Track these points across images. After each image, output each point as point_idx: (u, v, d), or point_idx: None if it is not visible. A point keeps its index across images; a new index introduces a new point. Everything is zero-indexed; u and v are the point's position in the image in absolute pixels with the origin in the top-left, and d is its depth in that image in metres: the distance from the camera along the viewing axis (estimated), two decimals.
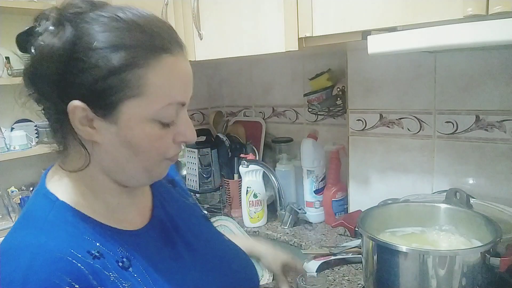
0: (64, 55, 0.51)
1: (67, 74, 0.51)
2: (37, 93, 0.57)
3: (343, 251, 1.13)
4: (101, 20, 0.52)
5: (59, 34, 0.52)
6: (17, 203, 1.55)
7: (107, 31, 0.51)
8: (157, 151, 0.57)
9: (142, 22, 0.53)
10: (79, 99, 0.52)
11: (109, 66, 0.50)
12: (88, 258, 0.53)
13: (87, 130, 0.54)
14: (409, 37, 0.76)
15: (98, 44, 0.50)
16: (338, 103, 1.41)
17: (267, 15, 1.08)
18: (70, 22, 0.52)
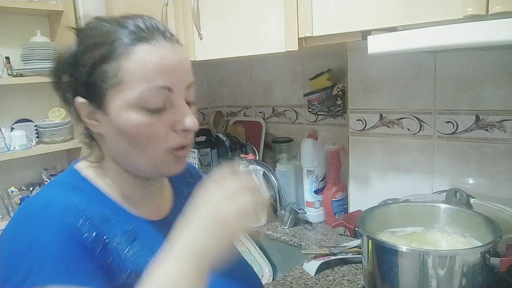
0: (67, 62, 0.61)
1: (73, 78, 0.60)
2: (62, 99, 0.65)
3: (343, 251, 1.13)
4: (96, 28, 0.60)
5: (68, 49, 0.61)
6: (17, 203, 1.55)
7: (91, 36, 0.59)
8: (149, 140, 0.59)
9: (119, 22, 0.60)
10: (80, 96, 0.60)
11: (92, 62, 0.57)
12: (98, 218, 0.57)
13: (93, 124, 0.61)
14: (409, 37, 0.76)
15: (89, 46, 0.58)
16: (338, 103, 1.41)
17: (267, 15, 1.08)
18: (79, 36, 0.61)
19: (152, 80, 0.57)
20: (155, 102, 0.58)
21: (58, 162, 1.75)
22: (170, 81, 0.58)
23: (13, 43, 1.58)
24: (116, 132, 0.59)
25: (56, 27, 1.65)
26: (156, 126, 0.58)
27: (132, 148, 0.60)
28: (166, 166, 0.62)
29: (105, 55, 0.57)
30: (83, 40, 0.60)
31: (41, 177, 1.66)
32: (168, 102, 0.59)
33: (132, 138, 0.59)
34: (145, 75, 0.57)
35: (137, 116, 0.57)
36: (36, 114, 1.68)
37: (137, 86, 0.57)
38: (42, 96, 1.70)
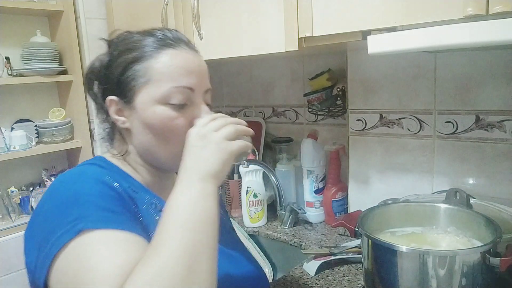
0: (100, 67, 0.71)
1: (103, 80, 0.69)
2: (92, 99, 0.73)
3: (343, 251, 1.13)
4: (127, 38, 0.70)
5: (101, 57, 0.72)
6: (17, 203, 1.55)
7: (128, 43, 0.69)
8: (172, 133, 0.66)
9: (147, 32, 0.70)
10: (112, 95, 0.68)
11: (124, 63, 0.67)
12: (128, 189, 0.65)
13: (121, 119, 0.69)
14: (409, 37, 0.76)
15: (121, 52, 0.68)
16: (338, 103, 1.41)
17: (267, 15, 1.08)
18: (110, 47, 0.71)
19: (177, 80, 0.65)
20: (178, 99, 0.65)
21: (58, 162, 1.75)
22: (192, 82, 0.66)
23: (13, 43, 1.58)
24: (143, 126, 0.67)
25: (56, 27, 1.65)
26: (178, 120, 0.66)
27: (156, 140, 0.67)
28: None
29: (136, 57, 0.66)
30: (115, 48, 0.69)
31: (41, 177, 1.66)
32: (189, 101, 0.67)
33: (157, 130, 0.66)
34: (171, 75, 0.65)
35: (162, 110, 0.65)
36: (36, 114, 1.68)
37: (163, 84, 0.65)
38: (42, 96, 1.70)
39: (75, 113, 1.68)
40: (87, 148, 1.68)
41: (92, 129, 1.67)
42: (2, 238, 1.45)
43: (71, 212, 0.56)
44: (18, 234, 1.48)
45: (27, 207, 1.56)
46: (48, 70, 1.57)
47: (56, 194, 0.60)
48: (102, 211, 0.56)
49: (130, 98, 0.67)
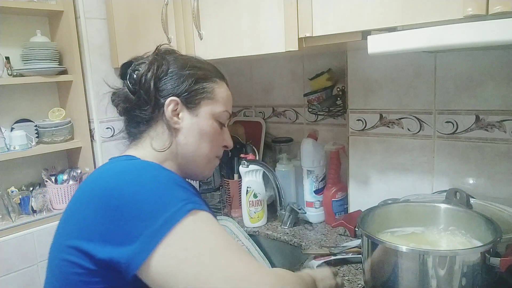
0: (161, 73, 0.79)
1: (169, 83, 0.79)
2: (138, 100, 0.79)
3: (343, 251, 1.13)
4: (185, 56, 0.85)
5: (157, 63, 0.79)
6: (17, 203, 1.55)
7: (191, 60, 0.83)
8: (215, 143, 0.82)
9: (205, 61, 0.87)
10: (175, 97, 0.78)
11: (197, 76, 0.80)
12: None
13: (174, 119, 0.78)
14: (409, 37, 0.76)
15: (189, 65, 0.81)
16: (338, 103, 1.41)
17: (267, 15, 1.08)
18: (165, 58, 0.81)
19: (227, 107, 0.84)
20: (224, 120, 0.84)
21: (58, 162, 1.75)
22: (231, 111, 0.86)
23: (13, 43, 1.58)
24: (195, 130, 0.79)
25: (56, 27, 1.65)
26: (219, 136, 0.84)
27: (199, 143, 0.80)
28: (210, 166, 0.84)
29: (205, 76, 0.82)
30: (179, 61, 0.81)
31: (41, 177, 1.66)
32: (225, 124, 0.85)
33: (207, 138, 0.80)
34: (226, 101, 0.84)
35: (215, 124, 0.82)
36: (36, 114, 1.68)
37: (221, 106, 0.83)
38: (42, 96, 1.70)
39: (75, 113, 1.68)
40: (87, 148, 1.68)
41: (92, 129, 1.67)
42: (2, 238, 1.44)
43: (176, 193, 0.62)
44: (18, 234, 1.48)
45: (27, 207, 1.56)
46: (48, 70, 1.57)
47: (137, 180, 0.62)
48: (194, 195, 0.64)
49: (195, 106, 0.79)
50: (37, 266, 1.52)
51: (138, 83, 0.78)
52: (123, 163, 0.71)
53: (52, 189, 1.61)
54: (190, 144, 0.79)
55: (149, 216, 0.58)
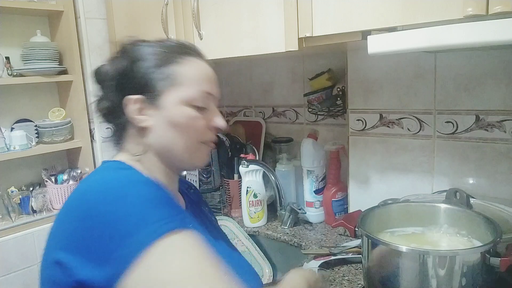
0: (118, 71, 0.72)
1: (124, 82, 0.71)
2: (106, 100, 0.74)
3: (343, 251, 1.13)
4: (144, 44, 0.74)
5: (117, 60, 0.73)
6: (17, 203, 1.55)
7: (149, 47, 0.73)
8: (194, 131, 0.72)
9: (171, 40, 0.77)
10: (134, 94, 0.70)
11: (153, 65, 0.70)
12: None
13: (141, 118, 0.71)
14: (409, 37, 0.76)
15: (144, 55, 0.71)
16: (338, 103, 1.41)
17: (267, 15, 1.08)
18: (126, 51, 0.73)
19: (202, 85, 0.73)
20: (202, 102, 0.72)
21: (58, 162, 1.75)
22: (211, 89, 0.75)
23: (13, 43, 1.58)
24: (167, 124, 0.70)
25: (56, 27, 1.65)
26: (200, 121, 0.73)
27: (177, 137, 0.71)
28: (201, 154, 0.75)
29: (162, 60, 0.71)
30: (134, 53, 0.72)
31: (41, 177, 1.66)
32: (208, 105, 0.74)
33: (182, 128, 0.71)
34: (197, 80, 0.72)
35: (188, 110, 0.71)
36: (36, 114, 1.68)
37: (190, 87, 0.71)
38: (42, 96, 1.70)
39: (75, 113, 1.68)
40: (87, 148, 1.68)
41: (92, 129, 1.67)
42: (2, 238, 1.44)
43: (149, 214, 0.56)
44: (18, 234, 1.48)
45: (27, 207, 1.56)
46: (48, 70, 1.57)
47: (115, 198, 0.58)
48: (177, 213, 0.59)
49: (157, 98, 0.70)
50: (37, 266, 1.52)
51: (102, 88, 0.75)
52: (106, 177, 0.65)
53: (52, 189, 1.61)
54: (164, 140, 0.72)
55: (120, 238, 0.54)
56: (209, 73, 0.75)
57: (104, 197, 0.59)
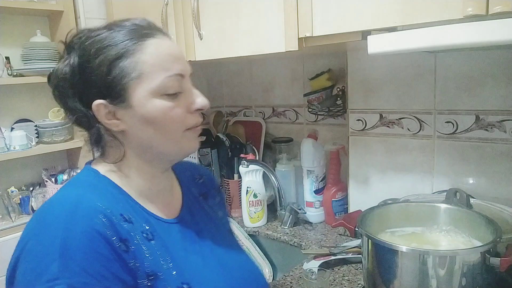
0: (73, 74, 0.64)
1: (81, 86, 0.64)
2: (67, 109, 0.68)
3: (343, 251, 1.13)
4: (92, 37, 0.64)
5: (67, 61, 0.66)
6: (17, 203, 1.55)
7: (99, 41, 0.63)
8: (173, 122, 0.65)
9: (122, 24, 0.65)
10: (98, 99, 0.63)
11: (107, 62, 0.61)
12: (120, 219, 0.61)
13: (114, 123, 0.64)
14: (409, 37, 0.76)
15: (95, 52, 0.62)
16: (338, 103, 1.41)
17: (267, 15, 1.08)
18: (74, 49, 0.66)
19: (169, 69, 0.63)
20: (174, 88, 0.64)
21: (58, 162, 1.75)
22: (181, 68, 0.65)
23: (13, 43, 1.58)
24: (142, 122, 0.64)
25: (56, 27, 1.65)
26: (177, 109, 0.65)
27: (158, 133, 0.65)
28: (188, 142, 0.68)
29: (119, 53, 0.62)
30: (84, 50, 0.63)
31: (41, 177, 1.66)
32: (181, 88, 0.65)
33: (158, 123, 0.64)
34: (162, 65, 0.63)
35: (161, 102, 0.63)
36: (36, 114, 1.68)
37: (157, 75, 0.63)
38: (42, 96, 1.70)
39: None
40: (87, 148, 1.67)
41: None
42: (2, 238, 1.44)
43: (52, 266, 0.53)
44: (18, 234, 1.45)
45: (27, 207, 1.56)
46: (48, 70, 1.54)
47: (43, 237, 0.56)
48: (86, 276, 0.53)
49: (122, 98, 0.63)
50: None
51: (59, 98, 0.67)
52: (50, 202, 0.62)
53: (52, 189, 1.61)
54: (144, 140, 0.66)
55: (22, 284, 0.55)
56: (172, 51, 0.65)
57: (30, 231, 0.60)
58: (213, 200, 0.86)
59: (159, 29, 0.67)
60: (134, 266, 0.59)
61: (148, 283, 0.60)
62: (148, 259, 0.61)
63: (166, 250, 0.64)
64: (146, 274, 0.60)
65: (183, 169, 0.83)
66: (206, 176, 0.89)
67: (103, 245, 0.56)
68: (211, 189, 0.87)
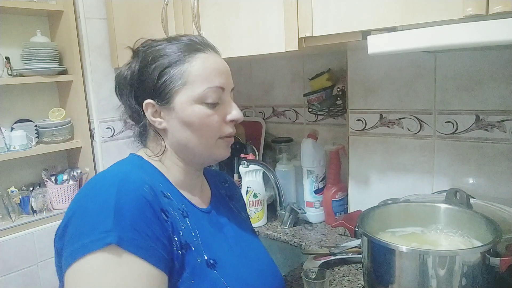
0: (132, 75, 0.75)
1: (136, 86, 0.74)
2: (123, 103, 0.78)
3: (343, 251, 1.13)
4: (153, 46, 0.75)
5: (129, 65, 0.77)
6: (17, 203, 1.55)
7: (157, 51, 0.74)
8: (208, 128, 0.73)
9: (180, 38, 0.75)
10: (149, 99, 0.73)
11: (160, 69, 0.72)
12: (160, 195, 0.68)
13: (158, 120, 0.74)
14: (409, 37, 0.76)
15: (152, 59, 0.73)
16: (338, 103, 1.41)
17: (267, 15, 1.08)
18: (137, 55, 0.76)
19: (212, 81, 0.72)
20: (213, 98, 0.72)
21: (58, 162, 1.75)
22: (223, 82, 0.74)
23: (13, 43, 1.58)
24: (181, 124, 0.72)
25: (56, 27, 1.65)
26: (213, 117, 0.73)
27: (194, 136, 0.73)
28: (219, 150, 0.76)
29: (171, 62, 0.72)
30: (145, 56, 0.74)
31: (41, 177, 1.66)
32: (220, 99, 0.74)
33: (195, 127, 0.72)
34: (206, 77, 0.72)
35: (199, 109, 0.72)
36: (36, 114, 1.68)
37: (200, 85, 0.71)
38: (42, 96, 1.70)
39: (75, 113, 1.68)
40: (87, 148, 1.67)
41: (92, 129, 1.67)
42: (2, 238, 1.44)
43: (106, 220, 0.58)
44: (18, 234, 1.48)
45: (27, 207, 1.56)
46: (48, 70, 1.57)
47: (98, 196, 0.62)
48: (134, 232, 0.59)
49: (168, 100, 0.72)
50: (37, 266, 1.52)
51: (119, 94, 0.78)
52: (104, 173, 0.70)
53: (52, 189, 1.61)
54: (181, 140, 0.74)
55: (74, 235, 0.60)
56: (218, 66, 0.74)
57: (84, 194, 0.66)
58: (238, 203, 0.94)
59: (211, 46, 0.77)
60: (171, 234, 0.65)
61: (181, 252, 0.66)
62: (183, 231, 0.68)
63: (196, 229, 0.72)
64: (180, 244, 0.66)
65: (212, 174, 0.92)
66: (230, 182, 0.98)
67: (149, 210, 0.63)
68: (236, 193, 0.97)
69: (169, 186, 0.74)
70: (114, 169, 0.72)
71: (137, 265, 0.58)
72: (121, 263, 0.57)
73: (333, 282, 1.03)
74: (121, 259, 0.57)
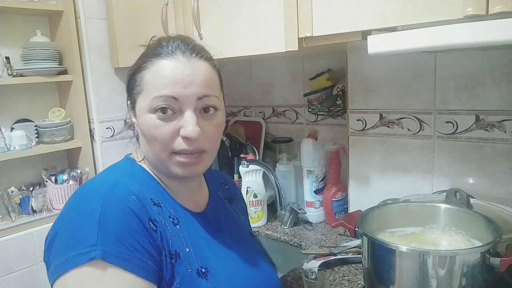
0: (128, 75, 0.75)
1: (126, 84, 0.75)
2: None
3: (343, 251, 1.13)
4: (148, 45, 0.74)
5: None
6: (17, 203, 1.55)
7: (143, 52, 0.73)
8: (157, 140, 0.67)
9: (161, 40, 0.72)
10: (128, 99, 0.74)
11: (131, 72, 0.72)
12: (150, 202, 0.68)
13: (134, 121, 0.73)
14: (409, 37, 0.76)
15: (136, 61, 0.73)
16: (338, 103, 1.41)
17: (267, 15, 1.08)
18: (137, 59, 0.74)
19: (160, 90, 0.66)
20: (162, 108, 0.66)
21: (58, 162, 1.75)
22: (176, 92, 0.66)
23: (13, 43, 1.58)
24: (140, 131, 0.71)
25: (56, 27, 1.65)
26: (163, 128, 0.67)
27: (148, 146, 0.70)
28: (173, 167, 0.69)
29: (138, 66, 0.71)
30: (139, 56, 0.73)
31: (41, 177, 1.66)
32: (178, 110, 0.67)
33: (146, 137, 0.69)
34: (155, 85, 0.67)
35: (151, 118, 0.67)
36: (36, 114, 1.68)
37: (150, 93, 0.67)
38: (42, 96, 1.70)
39: (75, 113, 1.68)
40: (87, 148, 1.67)
41: (92, 129, 1.67)
42: (2, 238, 1.44)
43: (91, 235, 0.58)
44: (18, 234, 1.48)
45: (27, 207, 1.56)
46: (48, 70, 1.57)
47: (83, 209, 0.62)
48: (119, 245, 0.59)
49: (133, 105, 0.72)
50: (37, 266, 1.52)
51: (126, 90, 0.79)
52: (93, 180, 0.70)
53: (52, 189, 1.61)
54: (143, 146, 0.73)
55: (60, 250, 0.60)
56: (175, 74, 0.66)
57: (72, 205, 0.65)
58: (237, 205, 0.92)
59: (183, 50, 0.68)
60: (160, 244, 0.65)
61: (171, 261, 0.65)
62: (173, 240, 0.67)
63: (188, 236, 0.70)
64: (169, 253, 0.65)
65: (212, 175, 0.90)
66: (230, 183, 0.96)
67: (135, 221, 0.62)
68: (235, 195, 0.94)
69: (160, 192, 0.72)
70: (102, 177, 0.71)
71: (123, 278, 0.58)
72: (106, 277, 0.57)
73: (333, 282, 1.03)
74: (106, 273, 0.57)
